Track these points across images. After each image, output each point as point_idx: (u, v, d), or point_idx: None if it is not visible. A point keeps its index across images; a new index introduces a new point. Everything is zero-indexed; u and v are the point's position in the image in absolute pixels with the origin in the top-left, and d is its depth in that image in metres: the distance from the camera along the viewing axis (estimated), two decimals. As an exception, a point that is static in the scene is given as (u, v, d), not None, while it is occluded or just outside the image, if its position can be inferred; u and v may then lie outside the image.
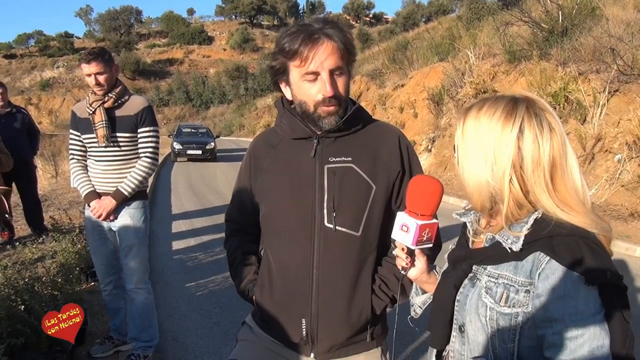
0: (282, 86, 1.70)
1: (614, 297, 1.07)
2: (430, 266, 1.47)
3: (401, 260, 1.41)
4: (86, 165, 3.39)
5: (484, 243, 1.26)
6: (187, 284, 5.37)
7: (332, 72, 1.56)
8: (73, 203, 8.84)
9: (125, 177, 3.29)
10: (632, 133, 8.37)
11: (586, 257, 1.06)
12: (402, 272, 1.44)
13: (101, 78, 3.21)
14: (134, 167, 3.32)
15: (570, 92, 9.88)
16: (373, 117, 1.82)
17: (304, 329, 1.67)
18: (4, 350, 2.69)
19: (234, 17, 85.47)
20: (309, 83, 1.58)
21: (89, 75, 3.21)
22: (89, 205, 3.34)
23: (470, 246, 1.33)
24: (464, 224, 1.39)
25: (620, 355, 1.08)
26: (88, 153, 3.36)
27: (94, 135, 3.24)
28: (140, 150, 3.34)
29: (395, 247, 1.42)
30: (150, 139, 3.34)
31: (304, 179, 1.65)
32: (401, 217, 1.35)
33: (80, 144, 3.37)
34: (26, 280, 3.43)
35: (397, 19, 67.30)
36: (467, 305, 1.23)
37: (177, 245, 6.98)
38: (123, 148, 3.30)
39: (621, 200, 8.18)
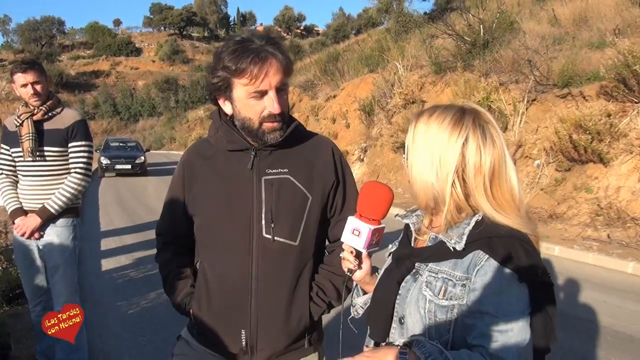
0: (221, 101, 1.67)
1: (542, 293, 1.19)
2: (373, 268, 1.51)
3: (349, 263, 1.44)
4: (16, 181, 3.25)
5: (427, 242, 1.33)
6: (119, 303, 5.18)
7: (277, 89, 1.58)
8: (-8, 223, 8.34)
9: (54, 194, 3.16)
10: (549, 139, 8.89)
11: (520, 256, 1.17)
12: (348, 274, 1.46)
13: (38, 87, 3.11)
14: (63, 183, 3.19)
15: (492, 101, 10.37)
16: (306, 128, 1.85)
17: (244, 340, 1.66)
18: None
19: (162, 28, 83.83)
20: (255, 100, 1.57)
21: (25, 85, 3.09)
22: (13, 223, 3.18)
23: (412, 245, 1.39)
24: (406, 225, 1.45)
25: (539, 346, 1.19)
26: (17, 168, 3.22)
27: (20, 149, 3.11)
28: (71, 166, 3.21)
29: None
30: (81, 154, 3.21)
31: (241, 190, 1.65)
32: (352, 222, 1.39)
33: (9, 158, 3.23)
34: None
35: (328, 31, 68.31)
36: (408, 299, 1.29)
37: (106, 263, 6.73)
38: (51, 163, 3.17)
39: (541, 203, 8.65)
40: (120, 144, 22.07)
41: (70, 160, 3.21)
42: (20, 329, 4.07)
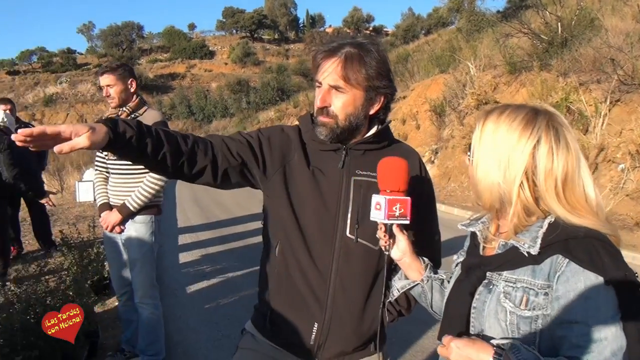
0: None
1: (631, 297, 1.11)
2: (417, 254, 1.55)
3: (381, 240, 1.53)
4: (107, 178, 3.47)
5: (496, 249, 1.29)
6: (195, 297, 5.40)
7: (332, 87, 1.61)
8: (80, 217, 8.92)
9: (133, 192, 3.32)
10: (634, 142, 8.41)
11: (603, 258, 1.11)
12: (385, 252, 1.54)
13: (111, 90, 3.29)
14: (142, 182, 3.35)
15: (571, 102, 9.95)
16: None
17: (314, 334, 1.69)
18: (20, 362, 2.73)
19: (234, 31, 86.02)
20: (317, 90, 1.66)
21: (102, 87, 3.32)
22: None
23: (481, 253, 1.36)
24: (472, 233, 1.43)
25: (635, 352, 1.11)
26: (107, 165, 3.44)
27: None
28: None
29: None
30: None
31: (330, 186, 1.68)
32: (374, 198, 1.49)
33: (102, 156, 3.47)
34: (39, 294, 3.46)
35: (397, 32, 67.59)
36: (485, 311, 1.25)
37: (183, 258, 7.02)
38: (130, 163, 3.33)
39: (626, 210, 8.20)
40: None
41: None
42: (107, 319, 4.34)
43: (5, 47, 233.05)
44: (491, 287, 1.26)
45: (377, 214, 1.47)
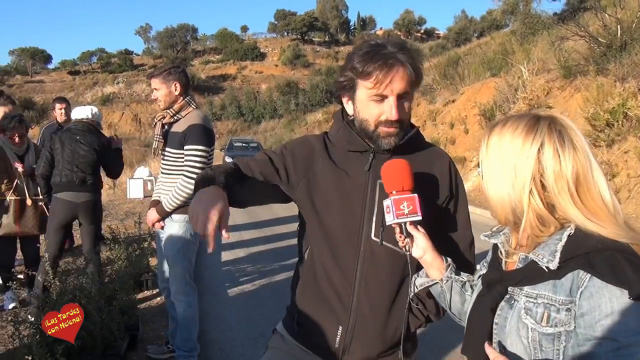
0: (345, 100, 1.74)
1: None
2: (438, 252, 1.53)
3: (400, 242, 1.53)
4: None
5: (517, 264, 1.26)
6: (235, 295, 5.48)
7: (399, 97, 1.61)
8: (129, 213, 9.19)
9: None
10: (696, 151, 7.99)
11: (627, 271, 1.06)
12: (406, 252, 1.54)
13: (158, 94, 3.42)
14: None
15: (629, 108, 9.53)
16: (423, 133, 1.85)
17: (339, 336, 1.68)
18: (62, 351, 2.82)
19: (286, 33, 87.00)
20: (375, 103, 1.61)
21: (152, 90, 3.49)
22: None
23: (503, 267, 1.32)
24: (494, 245, 1.39)
25: None
26: None
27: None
28: (183, 168, 3.35)
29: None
30: (189, 157, 3.31)
31: (355, 189, 1.68)
32: (384, 203, 1.52)
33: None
34: (83, 285, 3.58)
35: (449, 35, 66.75)
36: (507, 328, 1.22)
37: (225, 256, 7.13)
38: (171, 163, 3.41)
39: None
40: (243, 144, 23.40)
41: (184, 163, 3.35)
42: (148, 313, 4.45)
43: (67, 48, 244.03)
44: (512, 302, 1.23)
45: (389, 217, 1.50)
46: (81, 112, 4.72)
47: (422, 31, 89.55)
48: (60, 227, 4.57)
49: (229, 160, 20.03)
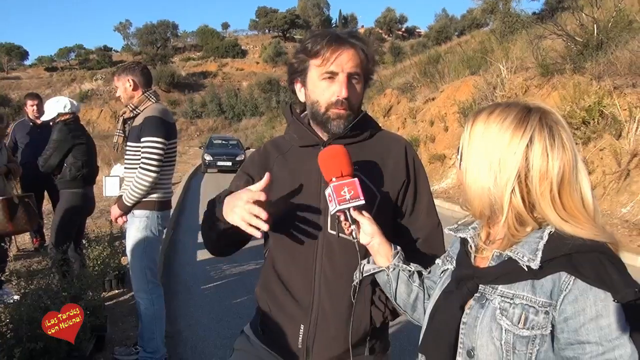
0: (297, 87, 1.74)
1: (637, 308, 1.03)
2: (385, 238, 1.48)
3: (345, 230, 1.48)
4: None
5: (490, 260, 1.19)
6: (210, 294, 5.40)
7: (349, 76, 1.60)
8: (104, 211, 9.01)
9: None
10: (669, 149, 8.10)
11: (612, 273, 1.02)
12: (354, 239, 1.48)
13: (117, 90, 3.51)
14: None
15: (605, 106, 9.63)
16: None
17: (301, 337, 1.63)
18: (21, 354, 2.73)
19: (267, 31, 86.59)
20: (326, 82, 1.61)
21: None
22: None
23: (472, 263, 1.26)
24: (462, 240, 1.33)
25: None
26: None
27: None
28: (140, 160, 3.32)
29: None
30: (145, 149, 3.28)
31: (310, 185, 1.65)
32: (325, 192, 1.48)
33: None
34: (49, 284, 3.48)
35: (430, 33, 67.03)
36: (478, 328, 1.15)
37: (201, 255, 7.02)
38: (131, 157, 3.39)
39: (658, 219, 7.89)
40: (223, 142, 23.20)
41: (140, 155, 3.32)
42: (117, 313, 4.35)
43: (45, 44, 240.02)
44: (484, 301, 1.17)
45: (332, 205, 1.44)
46: (55, 108, 4.66)
47: (403, 29, 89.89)
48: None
49: (208, 158, 20.00)
